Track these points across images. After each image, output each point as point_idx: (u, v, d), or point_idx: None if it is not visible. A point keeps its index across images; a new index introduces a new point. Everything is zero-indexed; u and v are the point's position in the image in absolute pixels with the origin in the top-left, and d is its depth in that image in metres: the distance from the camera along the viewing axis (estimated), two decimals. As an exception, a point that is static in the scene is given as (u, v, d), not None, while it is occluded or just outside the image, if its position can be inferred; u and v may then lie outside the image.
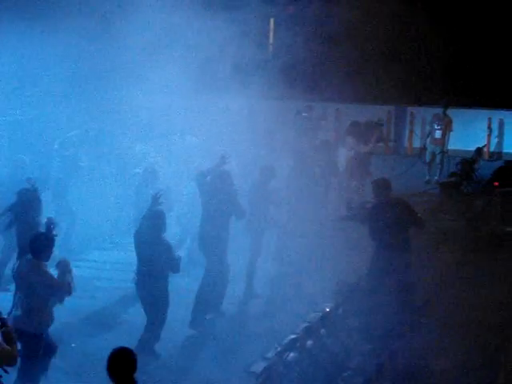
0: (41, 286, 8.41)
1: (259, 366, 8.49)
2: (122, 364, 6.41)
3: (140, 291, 10.19)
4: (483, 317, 10.57)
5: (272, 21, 20.94)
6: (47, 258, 8.59)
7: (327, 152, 14.92)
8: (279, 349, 8.82)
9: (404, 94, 23.21)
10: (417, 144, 22.13)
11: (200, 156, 13.96)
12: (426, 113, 21.74)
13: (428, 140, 19.80)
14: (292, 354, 8.86)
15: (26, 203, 10.62)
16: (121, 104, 16.12)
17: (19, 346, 7.48)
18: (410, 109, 23.50)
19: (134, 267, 10.28)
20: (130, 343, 9.83)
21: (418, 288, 10.64)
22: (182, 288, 11.24)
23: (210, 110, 15.33)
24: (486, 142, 21.83)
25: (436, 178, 19.38)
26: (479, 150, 18.67)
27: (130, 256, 11.11)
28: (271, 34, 21.47)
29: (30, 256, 8.61)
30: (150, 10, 14.30)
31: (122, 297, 12.10)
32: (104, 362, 6.47)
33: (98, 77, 15.93)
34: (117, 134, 15.46)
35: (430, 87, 22.82)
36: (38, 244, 8.56)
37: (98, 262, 13.78)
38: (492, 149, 22.59)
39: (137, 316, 10.58)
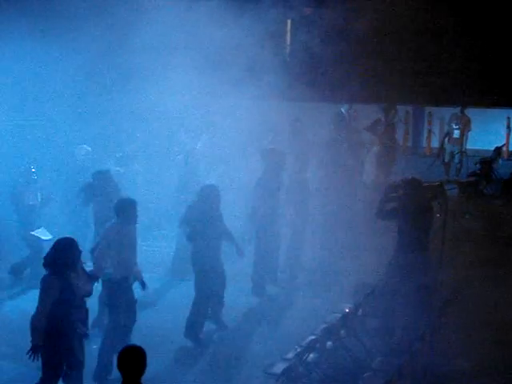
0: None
1: (279, 367, 8.49)
2: (132, 362, 6.46)
3: (194, 265, 10.61)
4: (504, 316, 10.50)
5: (289, 22, 20.92)
6: (134, 220, 9.58)
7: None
8: (299, 350, 8.82)
9: (422, 94, 23.11)
10: (435, 144, 22.02)
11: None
12: (445, 113, 21.63)
13: (446, 140, 19.72)
14: (312, 355, 8.86)
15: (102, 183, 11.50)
16: (137, 105, 16.22)
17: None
18: (428, 109, 23.39)
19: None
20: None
21: (438, 288, 10.59)
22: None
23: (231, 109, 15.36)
24: (505, 141, 21.70)
25: (455, 177, 19.28)
26: (498, 150, 18.56)
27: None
28: (288, 36, 21.45)
29: (116, 220, 9.52)
30: (170, 12, 14.35)
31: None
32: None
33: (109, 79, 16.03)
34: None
35: (449, 87, 22.71)
36: (123, 208, 9.47)
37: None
38: (511, 148, 22.45)
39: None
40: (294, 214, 12.96)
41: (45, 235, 12.44)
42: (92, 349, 9.43)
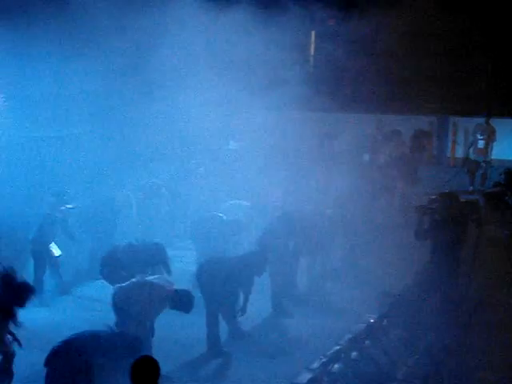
0: None
1: (304, 377, 8.49)
2: (147, 373, 6.41)
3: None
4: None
5: (313, 33, 20.97)
6: None
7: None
8: (324, 360, 8.81)
9: (446, 104, 23.04)
10: (459, 154, 21.95)
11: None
12: (469, 123, 21.54)
13: (471, 150, 19.64)
14: (337, 365, 8.84)
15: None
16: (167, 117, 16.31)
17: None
18: (452, 119, 23.31)
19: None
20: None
21: (465, 298, 10.55)
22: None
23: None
24: (530, 152, 21.55)
25: (480, 188, 19.18)
26: (524, 160, 18.46)
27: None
28: (312, 47, 21.49)
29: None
30: (196, 24, 14.44)
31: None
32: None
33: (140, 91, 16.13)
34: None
35: (473, 96, 22.63)
36: None
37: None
38: (537, 158, 22.27)
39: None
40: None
41: (56, 251, 12.54)
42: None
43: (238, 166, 15.48)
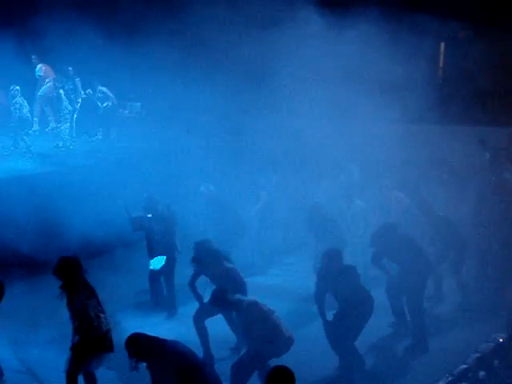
0: None
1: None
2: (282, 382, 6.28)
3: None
4: None
5: (443, 45, 20.67)
6: None
7: None
8: (450, 378, 8.62)
9: None
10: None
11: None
12: None
13: None
14: (463, 385, 8.65)
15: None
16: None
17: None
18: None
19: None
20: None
21: None
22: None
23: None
24: None
25: None
26: None
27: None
28: (441, 58, 21.19)
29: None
30: (317, 36, 14.47)
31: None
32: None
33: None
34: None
35: None
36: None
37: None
38: None
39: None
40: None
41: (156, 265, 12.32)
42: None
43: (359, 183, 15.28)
